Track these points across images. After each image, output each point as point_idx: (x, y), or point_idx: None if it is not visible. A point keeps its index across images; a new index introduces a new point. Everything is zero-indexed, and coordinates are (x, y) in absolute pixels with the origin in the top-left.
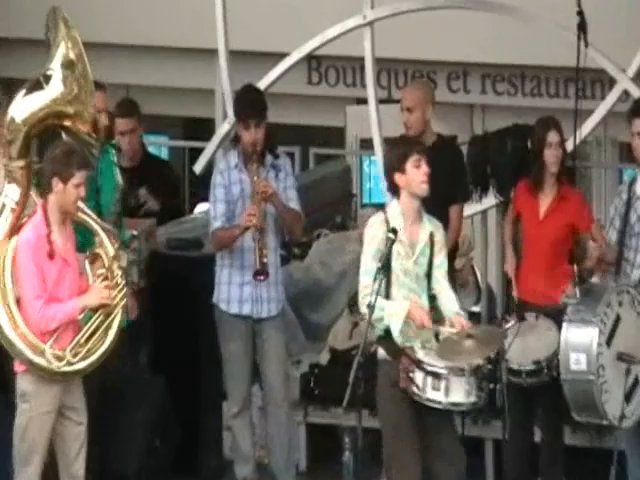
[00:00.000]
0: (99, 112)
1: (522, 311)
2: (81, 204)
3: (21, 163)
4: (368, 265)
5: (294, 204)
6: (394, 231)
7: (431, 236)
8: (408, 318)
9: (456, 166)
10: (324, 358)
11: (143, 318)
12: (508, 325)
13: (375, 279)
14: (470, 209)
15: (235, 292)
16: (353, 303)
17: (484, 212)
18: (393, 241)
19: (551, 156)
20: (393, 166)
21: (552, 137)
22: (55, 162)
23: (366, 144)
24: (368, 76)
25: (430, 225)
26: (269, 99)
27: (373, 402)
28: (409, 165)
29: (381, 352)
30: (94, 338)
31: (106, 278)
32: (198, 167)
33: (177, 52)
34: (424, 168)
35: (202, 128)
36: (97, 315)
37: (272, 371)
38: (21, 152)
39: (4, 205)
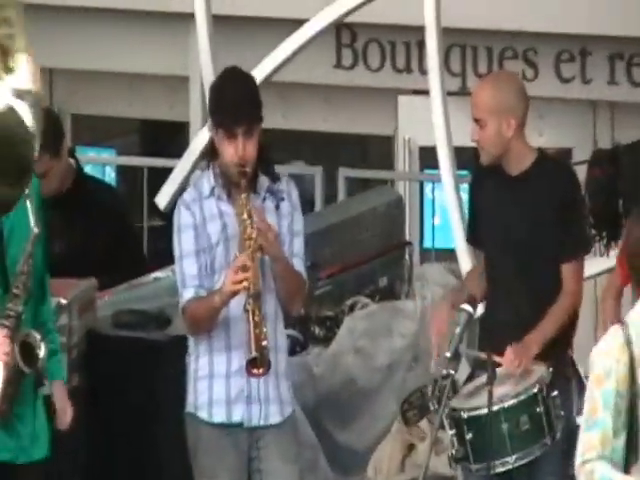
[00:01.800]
0: None
1: None
2: None
3: None
4: (598, 414)
5: (297, 260)
6: (472, 300)
7: None
8: None
9: (566, 200)
10: None
11: (76, 430)
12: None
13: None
14: (593, 265)
15: (219, 390)
16: (407, 412)
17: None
18: (470, 316)
19: None
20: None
21: None
22: None
23: (427, 157)
24: (431, 56)
25: None
26: (270, 92)
27: None
28: None
29: None
30: None
31: None
32: (162, 199)
33: (130, 17)
34: None
35: (169, 138)
36: None
37: None
38: None
39: None
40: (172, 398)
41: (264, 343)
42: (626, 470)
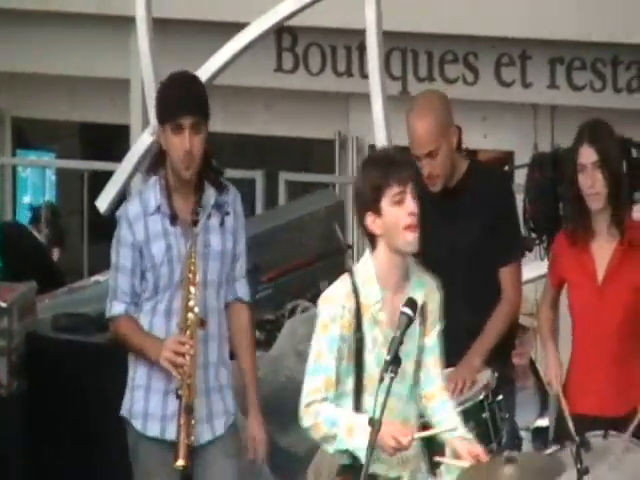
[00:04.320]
0: None
1: (582, 430)
2: None
3: None
4: (322, 360)
5: (241, 282)
6: (411, 303)
7: (422, 308)
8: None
9: (502, 204)
10: None
11: (14, 437)
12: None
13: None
14: (532, 269)
15: (156, 404)
16: None
17: None
18: (410, 319)
19: (585, 184)
20: (365, 203)
21: (584, 156)
22: None
23: None
24: (371, 60)
25: (421, 289)
26: (211, 96)
27: None
28: (385, 202)
29: None
30: None
31: None
32: (102, 203)
33: (71, 20)
34: (409, 205)
35: (110, 141)
36: None
37: None
38: None
39: None
40: (112, 400)
41: (192, 439)
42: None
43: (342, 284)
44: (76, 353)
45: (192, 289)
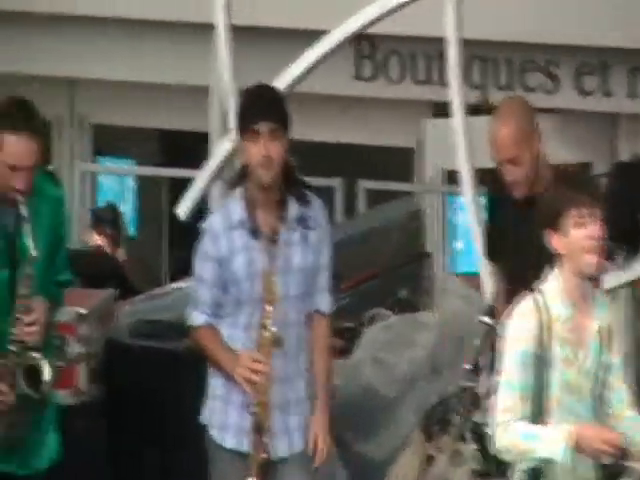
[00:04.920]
0: None
1: None
2: None
3: None
4: (514, 377)
5: (322, 295)
6: (490, 311)
7: (608, 329)
8: (576, 443)
9: None
10: None
11: (94, 443)
12: None
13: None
14: (614, 279)
15: (233, 417)
16: (428, 426)
17: (635, 284)
18: (491, 328)
19: None
20: (549, 222)
21: None
22: None
23: (454, 177)
24: (451, 68)
25: (606, 309)
26: (289, 103)
27: None
28: (569, 223)
29: None
30: None
31: None
32: (182, 210)
33: (152, 27)
34: (591, 229)
35: (189, 148)
36: None
37: None
38: None
39: None
40: (189, 407)
41: (264, 456)
42: None
43: (531, 301)
44: (154, 360)
45: (269, 307)
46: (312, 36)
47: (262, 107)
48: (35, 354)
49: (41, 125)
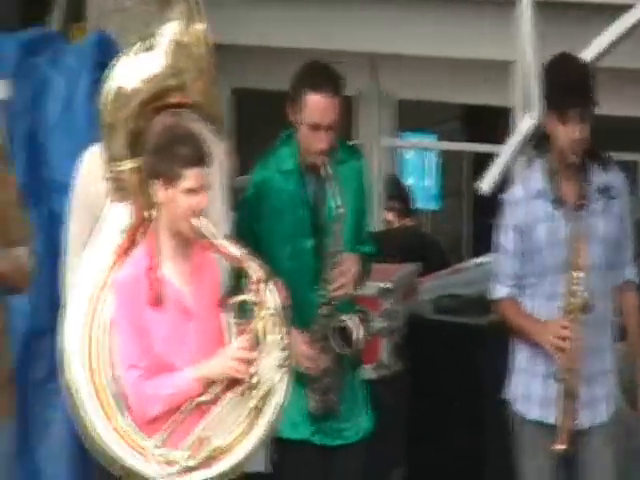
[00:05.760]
0: None
1: None
2: (200, 223)
3: (130, 164)
4: None
5: (626, 251)
6: None
7: None
8: None
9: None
10: None
11: (396, 422)
12: None
13: None
14: None
15: (537, 388)
16: None
17: None
18: None
19: None
20: None
21: None
22: (154, 156)
23: None
24: None
25: None
26: (601, 79)
27: None
28: None
29: None
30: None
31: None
32: (485, 184)
33: (454, 4)
34: None
35: (492, 123)
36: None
37: None
38: (129, 145)
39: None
40: (491, 383)
41: (574, 424)
42: None
43: None
44: (457, 335)
45: (577, 273)
46: (615, 10)
47: (574, 91)
48: (344, 315)
49: (342, 86)
